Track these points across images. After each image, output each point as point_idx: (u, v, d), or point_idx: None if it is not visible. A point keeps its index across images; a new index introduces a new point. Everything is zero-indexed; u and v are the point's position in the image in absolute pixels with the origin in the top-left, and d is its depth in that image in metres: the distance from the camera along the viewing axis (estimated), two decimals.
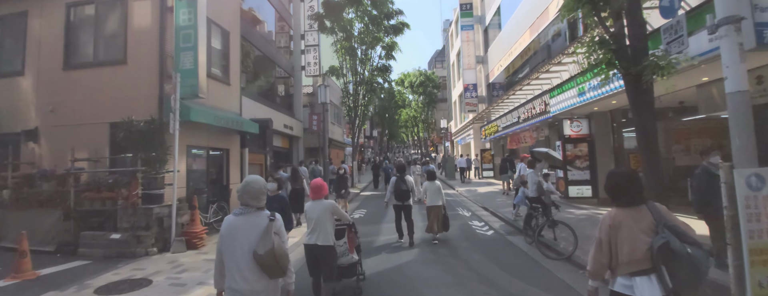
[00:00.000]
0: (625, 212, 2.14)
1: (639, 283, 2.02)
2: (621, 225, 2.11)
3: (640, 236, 2.05)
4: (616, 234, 2.11)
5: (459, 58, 28.59)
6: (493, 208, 10.32)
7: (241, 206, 2.29)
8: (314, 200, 3.79)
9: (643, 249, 2.03)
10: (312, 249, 3.67)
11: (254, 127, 9.18)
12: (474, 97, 22.85)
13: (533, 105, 12.86)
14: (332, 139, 22.12)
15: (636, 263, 2.04)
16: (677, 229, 2.02)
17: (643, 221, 2.08)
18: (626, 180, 2.18)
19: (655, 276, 2.00)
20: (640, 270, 2.03)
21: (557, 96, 10.76)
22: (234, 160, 9.19)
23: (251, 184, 2.27)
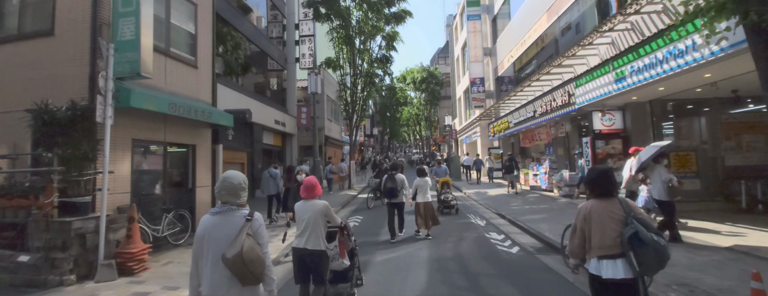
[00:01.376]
0: (599, 204, 2.50)
1: (605, 266, 2.39)
2: (593, 214, 2.48)
3: (610, 225, 2.42)
4: (589, 222, 2.49)
5: (464, 52, 27.01)
6: (512, 215, 8.76)
7: (220, 204, 2.11)
8: (306, 200, 3.47)
9: (612, 237, 2.39)
10: (301, 253, 3.37)
11: (227, 119, 7.65)
12: (481, 92, 21.27)
13: (553, 97, 11.29)
14: (329, 136, 20.61)
15: (606, 248, 2.40)
16: (644, 221, 2.39)
17: (614, 212, 2.44)
18: (602, 176, 2.57)
19: (622, 260, 2.35)
20: (608, 254, 2.39)
21: (585, 85, 9.19)
22: (203, 158, 7.66)
23: (229, 179, 2.11)
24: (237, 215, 2.07)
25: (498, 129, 18.08)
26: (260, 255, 2.01)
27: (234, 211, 2.09)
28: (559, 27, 12.83)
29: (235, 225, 2.03)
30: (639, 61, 7.21)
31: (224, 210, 2.08)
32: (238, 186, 2.11)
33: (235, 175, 2.15)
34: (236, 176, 2.14)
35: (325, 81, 20.33)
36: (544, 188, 13.41)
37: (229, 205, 2.10)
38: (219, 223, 2.06)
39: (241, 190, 2.12)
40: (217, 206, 2.12)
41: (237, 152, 10.60)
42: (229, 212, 2.08)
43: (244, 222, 2.04)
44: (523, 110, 14.17)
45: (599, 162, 9.20)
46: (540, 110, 12.37)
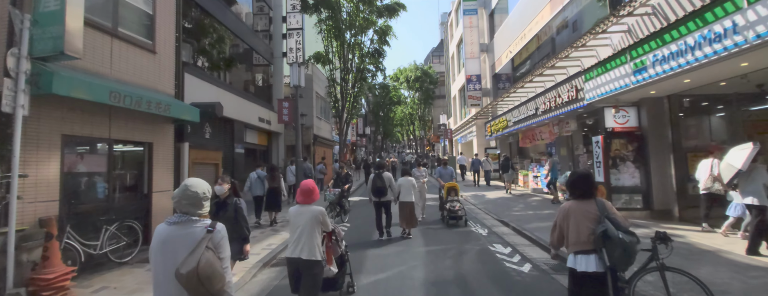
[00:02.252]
0: (577, 204, 2.77)
1: (579, 260, 2.68)
2: (571, 213, 2.76)
3: (585, 223, 2.69)
4: (567, 220, 2.78)
5: (460, 49, 26.15)
6: (516, 223, 7.84)
7: (178, 214, 1.91)
8: (301, 205, 3.24)
9: (586, 234, 2.67)
10: (295, 263, 3.14)
11: (190, 112, 6.61)
12: (478, 89, 20.39)
13: (558, 92, 10.40)
14: (318, 136, 19.56)
15: (581, 244, 2.69)
16: (615, 220, 2.65)
17: (589, 211, 2.71)
18: (581, 179, 2.84)
19: (596, 255, 2.64)
20: (582, 250, 2.68)
21: (596, 78, 8.30)
22: (162, 158, 6.62)
23: (191, 187, 1.91)
24: (197, 227, 1.88)
25: (495, 128, 17.21)
26: (219, 271, 1.81)
27: (194, 222, 1.90)
28: (563, 17, 11.96)
29: (193, 237, 1.84)
30: (664, 48, 6.32)
31: (183, 221, 1.89)
32: (201, 196, 1.92)
33: (198, 183, 1.95)
34: (199, 185, 1.94)
35: (314, 77, 19.30)
36: (546, 190, 12.53)
37: (189, 215, 1.90)
38: (175, 234, 1.86)
39: (203, 200, 1.93)
40: (175, 216, 1.91)
41: (210, 151, 9.53)
42: (188, 223, 1.89)
43: (205, 234, 1.85)
44: (524, 108, 13.29)
45: (613, 163, 8.31)
46: (543, 108, 11.49)
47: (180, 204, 1.91)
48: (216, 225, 1.90)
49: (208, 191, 1.96)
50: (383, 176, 6.97)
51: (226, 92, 12.29)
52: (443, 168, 9.29)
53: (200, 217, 1.92)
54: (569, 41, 10.26)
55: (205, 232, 1.86)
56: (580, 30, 10.70)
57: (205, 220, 1.94)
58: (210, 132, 11.86)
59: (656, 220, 7.79)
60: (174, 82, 6.98)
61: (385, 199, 7.00)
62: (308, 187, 3.27)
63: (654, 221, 7.73)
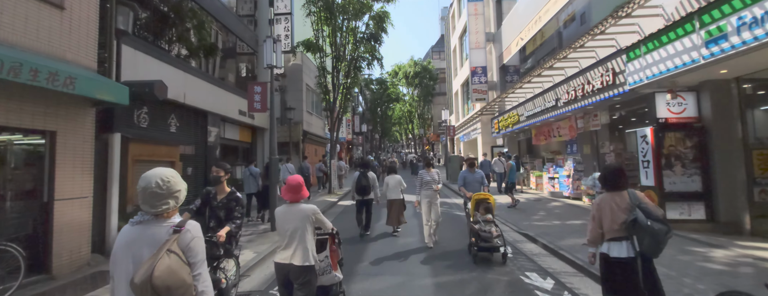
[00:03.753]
0: (610, 196, 2.93)
1: (612, 246, 2.84)
2: (604, 204, 2.93)
3: (618, 213, 2.84)
4: (601, 211, 2.94)
5: (463, 41, 24.46)
6: (545, 238, 6.12)
7: (142, 213, 1.63)
8: (290, 204, 2.88)
9: (618, 222, 2.82)
10: (286, 269, 2.80)
11: (115, 91, 4.87)
12: (483, 82, 18.70)
13: (587, 78, 8.70)
14: (308, 132, 17.83)
15: (613, 232, 2.84)
16: (646, 209, 2.76)
17: (622, 202, 2.86)
18: (612, 172, 2.99)
19: (628, 242, 2.78)
20: (615, 237, 2.84)
21: (645, 56, 6.59)
22: (72, 153, 4.87)
23: (142, 179, 1.60)
24: (161, 227, 1.59)
25: (504, 124, 15.50)
26: (182, 279, 1.48)
27: (159, 221, 1.60)
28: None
29: (156, 239, 1.55)
30: (755, 7, 4.64)
31: (145, 220, 1.60)
32: (152, 191, 1.56)
33: (151, 174, 1.61)
34: (152, 176, 1.59)
35: (303, 67, 17.57)
36: (567, 194, 10.84)
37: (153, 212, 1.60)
38: (139, 236, 1.57)
39: (157, 197, 1.57)
40: (139, 214, 1.63)
41: (162, 146, 7.79)
42: (152, 222, 1.60)
43: (170, 235, 1.55)
44: (540, 100, 11.59)
45: (666, 163, 6.62)
46: (566, 98, 9.79)
47: (141, 200, 1.58)
48: (187, 224, 1.59)
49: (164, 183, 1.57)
50: (368, 175, 7.17)
51: (196, 79, 10.54)
52: (469, 172, 6.23)
53: (166, 214, 1.60)
54: (595, 20, 8.57)
55: (171, 232, 1.56)
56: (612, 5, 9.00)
57: (175, 218, 1.63)
58: (176, 124, 10.12)
59: (722, 234, 6.10)
60: (97, 52, 5.22)
61: (368, 197, 7.18)
62: (296, 182, 2.89)
63: (719, 235, 6.03)
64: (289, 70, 17.53)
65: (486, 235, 5.10)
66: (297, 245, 2.77)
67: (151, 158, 7.05)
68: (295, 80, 17.42)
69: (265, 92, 7.41)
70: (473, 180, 6.11)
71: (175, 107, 10.08)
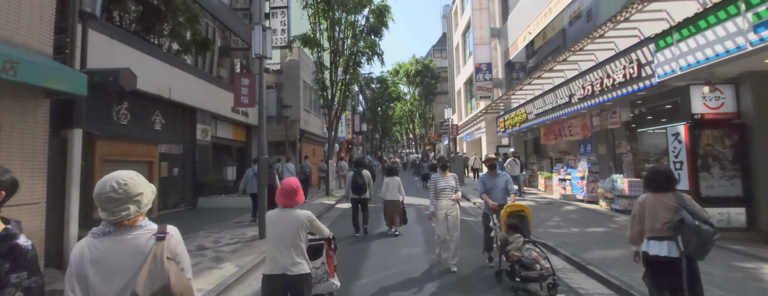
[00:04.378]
0: (654, 196, 2.94)
1: (652, 244, 2.88)
2: (647, 204, 2.95)
3: (662, 213, 2.84)
4: (643, 210, 2.96)
5: (466, 38, 23.75)
6: (569, 250, 5.40)
7: (105, 223, 1.42)
8: (283, 209, 2.65)
9: (661, 222, 2.83)
10: (278, 281, 2.55)
11: (69, 80, 4.16)
12: (488, 80, 17.98)
13: (607, 71, 7.99)
14: (306, 130, 17.13)
15: (655, 231, 2.86)
16: (693, 211, 2.75)
17: (666, 203, 2.86)
18: (658, 173, 2.99)
19: (669, 242, 2.78)
20: (656, 236, 2.86)
21: (678, 44, 5.87)
22: (20, 153, 4.16)
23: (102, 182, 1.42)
24: (140, 235, 1.42)
25: (511, 123, 14.78)
26: (191, 286, 1.44)
27: (128, 230, 1.43)
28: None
29: (137, 250, 1.40)
30: None
31: (112, 231, 1.41)
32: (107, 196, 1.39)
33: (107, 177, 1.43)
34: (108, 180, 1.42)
35: (301, 63, 16.87)
36: (581, 197, 10.12)
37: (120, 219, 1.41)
38: (109, 249, 1.39)
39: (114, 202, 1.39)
40: (102, 226, 1.43)
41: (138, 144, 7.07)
42: (122, 233, 1.42)
43: (155, 243, 1.40)
44: (551, 96, 10.87)
45: (703, 164, 5.91)
46: (580, 94, 9.07)
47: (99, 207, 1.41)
48: (166, 228, 1.47)
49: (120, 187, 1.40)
50: (363, 173, 7.09)
51: (184, 73, 9.83)
52: (489, 176, 5.06)
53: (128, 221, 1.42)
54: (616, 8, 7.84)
55: (154, 240, 1.42)
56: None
57: (151, 224, 1.48)
58: (161, 121, 9.41)
59: (764, 245, 5.38)
60: (53, 36, 4.51)
61: (363, 196, 7.10)
62: (291, 186, 2.63)
63: (762, 246, 5.32)
64: (285, 66, 16.83)
65: (528, 261, 3.88)
66: (290, 253, 2.57)
67: (124, 158, 6.34)
68: (291, 77, 16.72)
69: (254, 85, 6.71)
70: (496, 186, 4.93)
71: (160, 102, 9.39)
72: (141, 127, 8.47)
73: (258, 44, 6.48)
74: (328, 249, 3.03)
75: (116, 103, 7.88)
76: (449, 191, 5.00)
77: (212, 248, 5.83)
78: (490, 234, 4.90)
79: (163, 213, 9.13)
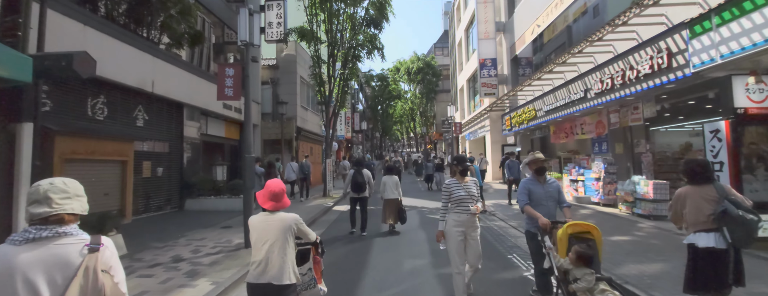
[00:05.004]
0: (694, 189, 2.97)
1: (701, 237, 2.87)
2: (688, 197, 2.96)
3: (705, 205, 2.85)
4: (683, 203, 2.99)
5: (469, 33, 23.06)
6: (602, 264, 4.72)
7: (29, 228, 1.27)
8: (268, 213, 2.46)
9: (705, 214, 2.84)
10: (262, 291, 2.38)
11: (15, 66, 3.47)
12: (493, 76, 17.27)
13: (630, 62, 7.28)
14: (303, 128, 16.43)
15: (700, 224, 2.87)
16: (736, 201, 2.78)
17: (708, 194, 2.87)
18: (699, 166, 3.03)
19: (716, 233, 2.80)
20: (702, 228, 2.87)
21: (718, 29, 5.18)
22: None
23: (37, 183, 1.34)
24: (69, 245, 1.27)
25: (518, 121, 14.08)
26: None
27: (62, 238, 1.27)
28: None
29: (66, 261, 1.25)
30: None
31: (41, 238, 1.25)
32: (47, 189, 1.31)
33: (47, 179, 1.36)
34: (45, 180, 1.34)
35: (297, 57, 16.17)
36: (597, 200, 9.42)
37: (49, 227, 1.26)
38: (35, 259, 1.22)
39: (60, 193, 1.31)
40: (23, 231, 1.26)
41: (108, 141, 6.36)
42: (54, 240, 1.26)
43: (87, 254, 1.27)
44: (564, 92, 10.17)
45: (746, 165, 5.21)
46: (597, 88, 8.36)
47: (32, 204, 1.28)
48: (99, 239, 1.34)
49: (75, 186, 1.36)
50: (363, 172, 7.08)
51: (170, 65, 9.12)
52: (535, 182, 3.72)
53: (67, 218, 1.30)
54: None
55: (86, 250, 1.28)
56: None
57: (82, 233, 1.34)
58: (144, 117, 8.72)
59: None
60: None
61: (362, 195, 7.11)
62: (277, 188, 2.48)
63: None
64: (281, 61, 16.12)
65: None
66: (275, 260, 2.39)
67: (91, 157, 5.65)
68: (288, 72, 16.02)
69: (239, 76, 6.03)
70: (545, 196, 3.59)
71: (143, 96, 8.70)
72: (120, 123, 7.78)
73: (244, 30, 5.78)
74: (315, 253, 2.86)
75: (92, 96, 7.18)
76: (469, 201, 3.65)
77: (189, 259, 5.14)
78: (543, 264, 3.36)
79: (145, 216, 8.44)
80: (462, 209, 3.63)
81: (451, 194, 3.68)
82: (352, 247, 6.16)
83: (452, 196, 3.67)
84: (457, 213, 3.64)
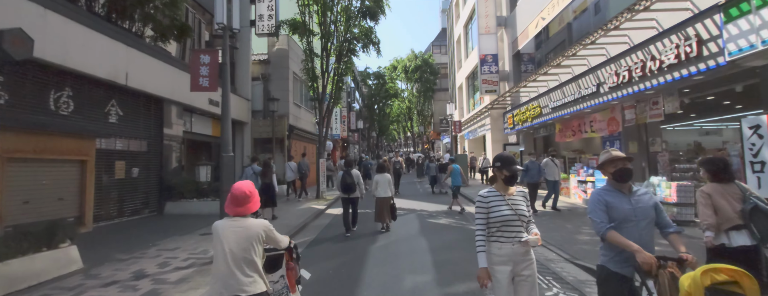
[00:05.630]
0: (719, 187, 2.95)
1: (733, 236, 2.82)
2: (714, 195, 2.91)
3: (733, 203, 2.85)
4: (714, 200, 2.91)
5: (468, 29, 22.40)
6: None
7: None
8: (233, 218, 2.26)
9: (737, 211, 2.81)
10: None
11: None
12: (494, 72, 16.61)
13: (650, 53, 6.63)
14: (296, 127, 15.69)
15: (732, 220, 2.82)
16: (759, 197, 2.83)
17: (733, 192, 2.89)
18: (724, 164, 3.02)
19: (745, 230, 2.77)
20: (732, 226, 2.81)
21: (764, 9, 4.53)
22: None
23: None
24: None
25: (521, 119, 13.42)
26: None
27: None
28: None
29: None
30: None
31: None
32: None
33: None
34: None
35: (290, 52, 15.43)
36: None
37: None
38: None
39: None
40: None
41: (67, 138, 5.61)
42: None
43: None
44: (573, 87, 9.51)
45: None
46: (612, 82, 7.70)
47: None
48: None
49: None
50: (352, 173, 7.10)
51: (146, 56, 8.37)
52: (615, 193, 2.39)
53: None
54: None
55: None
56: None
57: None
58: (118, 113, 7.98)
59: None
60: None
61: (353, 196, 7.14)
62: (242, 191, 2.26)
63: None
64: (273, 55, 15.39)
65: None
66: (241, 271, 2.17)
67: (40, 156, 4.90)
68: (280, 67, 15.28)
69: (216, 63, 5.31)
70: (634, 214, 2.31)
71: (116, 90, 7.96)
72: (89, 118, 7.03)
73: (221, 12, 5.07)
74: (288, 259, 2.68)
75: (55, 88, 6.44)
76: (518, 225, 2.46)
77: (154, 276, 4.41)
78: None
79: (117, 222, 7.70)
80: (508, 236, 2.44)
81: (489, 212, 2.47)
82: (344, 259, 5.46)
83: (492, 215, 2.46)
84: (501, 242, 2.45)
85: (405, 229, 7.49)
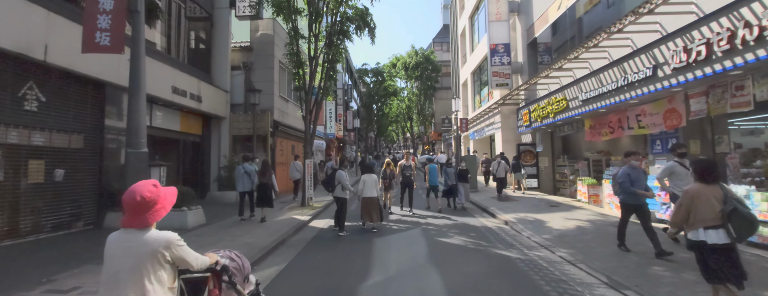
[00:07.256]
0: (705, 187, 3.11)
1: (711, 233, 3.01)
2: (699, 195, 3.09)
3: (714, 203, 3.04)
4: (696, 201, 3.09)
5: (474, 20, 20.64)
6: None
7: None
8: (127, 230, 1.73)
9: (715, 211, 3.01)
10: None
11: None
12: (506, 64, 14.82)
13: (733, 22, 4.84)
14: (281, 123, 13.83)
15: (709, 220, 3.02)
16: (738, 199, 3.05)
17: (716, 194, 3.06)
18: (713, 166, 3.23)
19: (722, 230, 2.97)
20: (711, 225, 3.02)
21: None
22: None
23: None
24: None
25: (541, 114, 11.61)
26: None
27: None
28: None
29: None
30: None
31: None
32: None
33: None
34: None
35: (275, 37, 13.60)
36: (665, 217, 6.97)
37: None
38: None
39: None
40: None
41: None
42: None
43: None
44: (615, 72, 7.71)
45: None
46: (678, 61, 5.89)
47: None
48: None
49: None
50: (338, 172, 7.24)
51: (76, 25, 6.52)
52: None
53: None
54: None
55: None
56: None
57: None
58: (38, 98, 6.15)
59: None
60: None
61: (343, 196, 7.26)
62: (133, 197, 1.72)
63: None
64: (256, 42, 13.55)
65: None
66: None
67: None
68: (264, 55, 13.44)
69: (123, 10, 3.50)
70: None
71: (36, 68, 6.14)
72: None
73: None
74: (215, 285, 1.98)
75: None
76: None
77: None
78: None
79: (30, 241, 5.85)
80: None
81: None
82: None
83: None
84: None
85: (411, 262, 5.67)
